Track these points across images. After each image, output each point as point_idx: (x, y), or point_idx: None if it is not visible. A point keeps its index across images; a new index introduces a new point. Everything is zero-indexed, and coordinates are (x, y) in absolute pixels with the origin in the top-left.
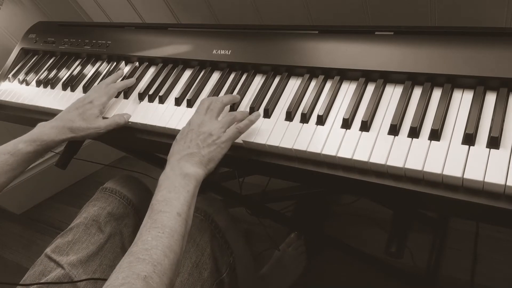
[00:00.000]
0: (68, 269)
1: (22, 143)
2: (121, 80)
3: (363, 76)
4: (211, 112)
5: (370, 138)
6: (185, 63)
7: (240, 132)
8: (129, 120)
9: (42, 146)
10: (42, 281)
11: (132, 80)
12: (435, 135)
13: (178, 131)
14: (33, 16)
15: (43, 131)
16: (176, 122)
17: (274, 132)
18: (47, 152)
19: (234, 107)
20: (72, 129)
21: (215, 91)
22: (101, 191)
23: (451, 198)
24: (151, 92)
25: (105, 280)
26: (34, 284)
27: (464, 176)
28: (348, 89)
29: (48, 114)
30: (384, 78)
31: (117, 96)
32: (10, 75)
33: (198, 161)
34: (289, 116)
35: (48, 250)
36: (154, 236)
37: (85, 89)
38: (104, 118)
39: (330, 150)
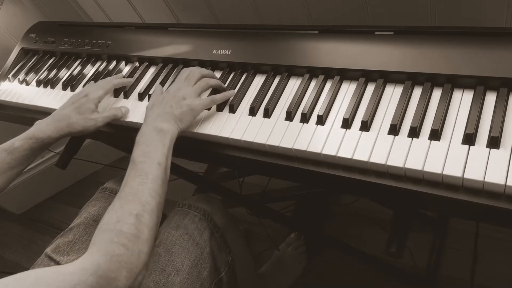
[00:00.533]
0: None
1: (18, 141)
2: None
3: (363, 76)
4: (188, 81)
5: (370, 138)
6: (185, 63)
7: (213, 102)
8: (130, 120)
9: (38, 143)
10: None
11: (131, 79)
12: (435, 135)
13: None
14: (33, 16)
15: (39, 128)
16: None
17: (274, 132)
18: (44, 149)
19: (234, 108)
20: (69, 124)
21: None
22: (101, 191)
23: (451, 198)
24: (151, 92)
25: None
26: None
27: (464, 176)
28: (348, 89)
29: (48, 114)
30: (384, 78)
31: (117, 96)
32: (10, 75)
33: (171, 119)
34: (289, 116)
35: (48, 250)
36: (139, 182)
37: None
38: None
39: (330, 150)
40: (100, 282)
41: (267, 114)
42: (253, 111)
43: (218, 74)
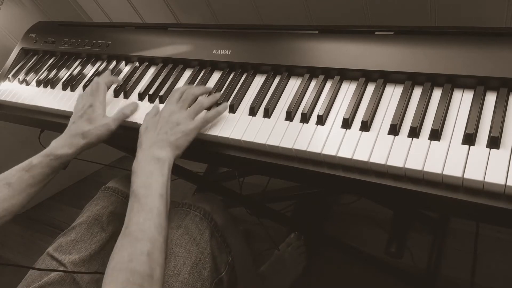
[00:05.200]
0: (70, 268)
1: (36, 159)
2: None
3: (363, 76)
4: (181, 103)
5: (370, 138)
6: (185, 63)
7: (207, 121)
8: (130, 120)
9: (57, 161)
10: (44, 279)
11: (118, 78)
12: (435, 135)
13: None
14: (33, 16)
15: (56, 145)
16: None
17: (274, 132)
18: (63, 167)
19: (234, 108)
20: (84, 135)
21: (215, 91)
22: (103, 190)
23: (451, 198)
24: (151, 92)
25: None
26: (47, 270)
27: (464, 176)
28: (348, 89)
29: (48, 114)
30: (384, 78)
31: (117, 96)
32: (10, 75)
33: (167, 146)
34: (289, 116)
35: (50, 249)
36: (145, 217)
37: (85, 89)
38: None
39: (330, 150)
40: None
41: (267, 114)
42: (253, 111)
43: (218, 74)
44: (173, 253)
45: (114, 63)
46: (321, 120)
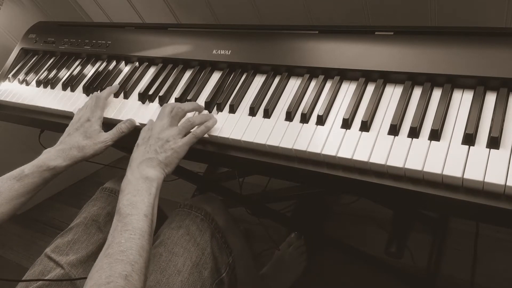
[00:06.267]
0: (67, 269)
1: (28, 169)
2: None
3: (363, 76)
4: (171, 119)
5: (370, 138)
6: (185, 63)
7: (196, 137)
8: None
9: (49, 172)
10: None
11: (116, 85)
12: (435, 135)
13: None
14: (33, 16)
15: (49, 156)
16: None
17: (274, 132)
18: (55, 178)
19: (234, 108)
20: (80, 149)
21: (215, 91)
22: (101, 191)
23: (451, 198)
24: (151, 92)
25: None
26: (35, 280)
27: (464, 176)
28: (348, 89)
29: (48, 114)
30: (384, 78)
31: (117, 96)
32: (10, 75)
33: (156, 165)
34: (289, 116)
35: (48, 250)
36: (127, 238)
37: (85, 89)
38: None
39: (330, 150)
40: None
41: (267, 114)
42: (253, 111)
43: (218, 74)
44: (174, 253)
45: (114, 63)
46: (321, 120)
